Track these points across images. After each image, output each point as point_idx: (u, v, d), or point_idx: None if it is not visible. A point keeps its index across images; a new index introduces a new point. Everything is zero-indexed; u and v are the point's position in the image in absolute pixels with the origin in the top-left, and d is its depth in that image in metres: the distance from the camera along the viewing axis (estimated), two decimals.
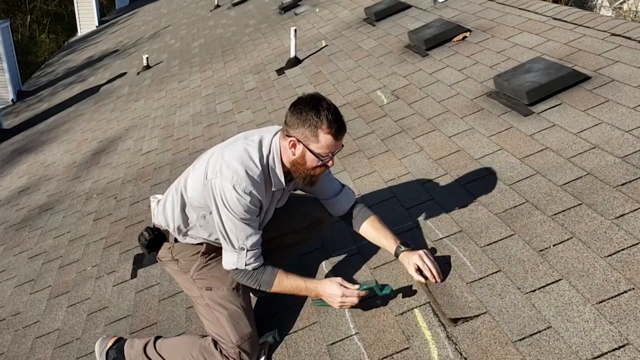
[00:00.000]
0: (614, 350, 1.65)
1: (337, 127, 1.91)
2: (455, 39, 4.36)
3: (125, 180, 4.35)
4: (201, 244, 2.15)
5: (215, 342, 2.08)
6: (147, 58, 8.34)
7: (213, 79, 6.17)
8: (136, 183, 4.20)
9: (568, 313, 1.82)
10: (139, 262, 3.10)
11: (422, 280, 2.12)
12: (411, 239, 2.34)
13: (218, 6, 11.09)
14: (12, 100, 11.01)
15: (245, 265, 2.00)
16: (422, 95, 3.75)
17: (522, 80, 3.18)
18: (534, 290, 1.95)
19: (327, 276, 2.35)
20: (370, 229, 2.23)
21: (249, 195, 1.91)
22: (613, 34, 3.53)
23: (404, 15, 5.52)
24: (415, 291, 2.14)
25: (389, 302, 2.13)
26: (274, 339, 2.18)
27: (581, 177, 2.43)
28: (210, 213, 2.04)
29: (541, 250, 2.11)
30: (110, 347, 2.21)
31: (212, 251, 2.16)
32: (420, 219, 2.55)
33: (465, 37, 4.34)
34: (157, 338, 2.20)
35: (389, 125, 3.54)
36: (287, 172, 2.04)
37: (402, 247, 2.14)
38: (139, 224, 3.52)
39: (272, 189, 2.03)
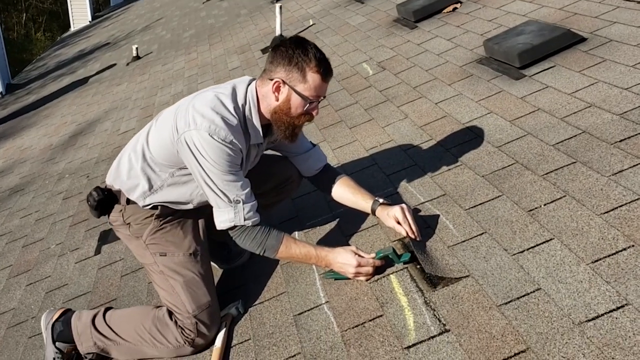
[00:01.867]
0: (611, 311, 1.45)
1: (325, 66, 1.77)
2: (445, 11, 4.15)
3: (99, 159, 4.14)
4: (156, 207, 1.94)
5: (170, 313, 1.87)
6: (137, 49, 8.13)
7: (197, 61, 5.96)
8: (110, 162, 3.98)
9: (559, 274, 1.62)
10: (104, 239, 2.90)
11: (403, 233, 1.92)
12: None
13: None
14: (1, 93, 10.78)
15: (245, 219, 1.79)
16: (409, 65, 3.54)
17: (514, 43, 2.96)
18: (522, 252, 1.75)
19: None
20: (343, 189, 2.05)
21: (230, 144, 1.71)
22: None
23: None
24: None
25: None
26: (238, 311, 1.97)
27: (575, 135, 2.22)
28: (180, 169, 1.84)
29: (531, 210, 1.91)
30: (57, 320, 1.99)
31: (169, 214, 1.95)
32: (402, 184, 2.35)
33: (456, 8, 4.13)
34: (107, 309, 1.99)
35: (374, 95, 3.33)
36: (265, 126, 1.85)
37: (380, 200, 1.96)
38: None
39: (250, 143, 1.84)
